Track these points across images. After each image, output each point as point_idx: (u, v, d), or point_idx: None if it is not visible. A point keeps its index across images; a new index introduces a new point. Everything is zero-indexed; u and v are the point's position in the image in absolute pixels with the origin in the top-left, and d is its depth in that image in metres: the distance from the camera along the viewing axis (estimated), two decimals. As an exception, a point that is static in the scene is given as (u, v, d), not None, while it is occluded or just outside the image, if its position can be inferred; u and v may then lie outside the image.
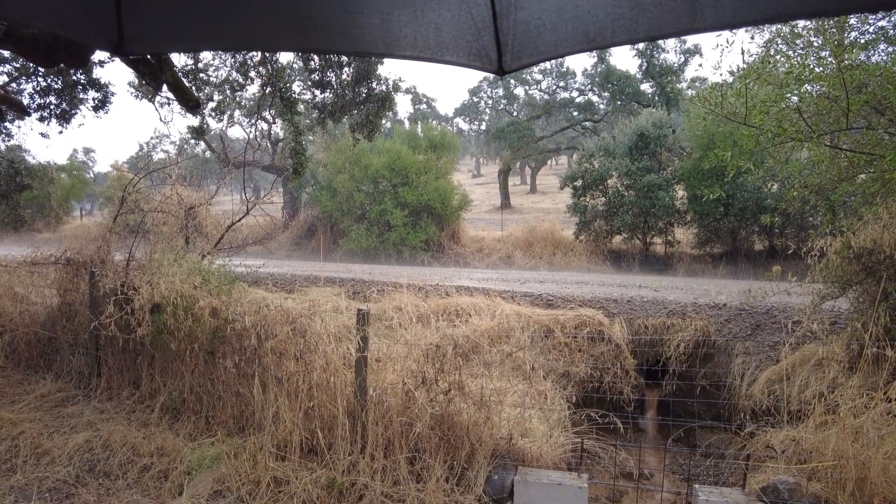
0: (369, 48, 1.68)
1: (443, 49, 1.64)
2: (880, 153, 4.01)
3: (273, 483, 3.99)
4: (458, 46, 1.64)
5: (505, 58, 1.62)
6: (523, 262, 15.08)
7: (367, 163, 17.39)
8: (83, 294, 5.97)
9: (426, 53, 1.64)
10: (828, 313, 6.11)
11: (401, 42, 1.63)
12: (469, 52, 1.64)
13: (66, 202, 28.24)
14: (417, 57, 1.66)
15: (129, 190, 6.92)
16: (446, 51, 1.64)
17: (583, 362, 6.12)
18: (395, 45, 1.64)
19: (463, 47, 1.63)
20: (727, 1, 1.28)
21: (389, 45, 1.64)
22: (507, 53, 1.61)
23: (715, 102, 4.67)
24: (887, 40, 4.37)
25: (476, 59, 1.64)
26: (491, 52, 1.62)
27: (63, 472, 4.24)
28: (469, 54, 1.64)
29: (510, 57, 1.62)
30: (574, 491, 3.86)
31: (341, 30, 1.65)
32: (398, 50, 1.65)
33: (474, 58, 1.64)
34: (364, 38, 1.65)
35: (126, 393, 5.51)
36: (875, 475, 3.45)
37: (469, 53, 1.64)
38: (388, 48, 1.65)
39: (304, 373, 4.40)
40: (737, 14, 1.29)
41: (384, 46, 1.65)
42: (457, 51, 1.64)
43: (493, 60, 1.63)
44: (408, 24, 1.61)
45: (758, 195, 12.46)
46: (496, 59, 1.63)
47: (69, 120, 9.92)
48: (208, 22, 1.72)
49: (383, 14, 1.60)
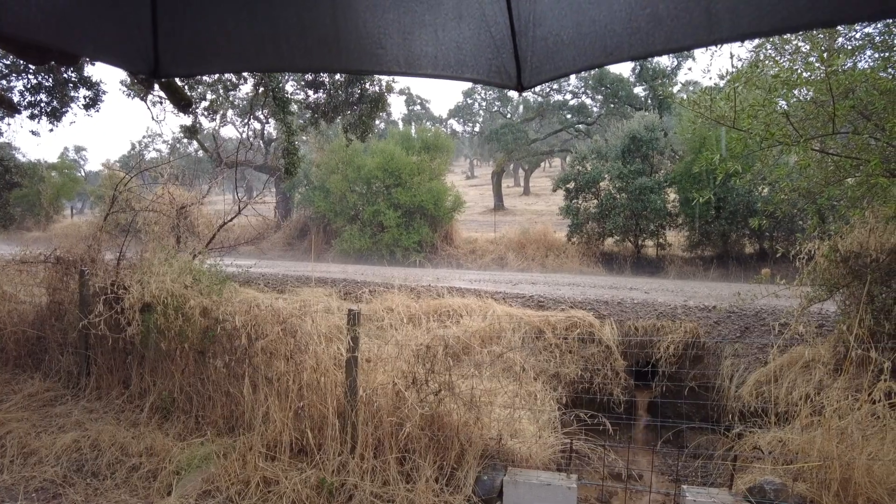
0: (392, 67, 1.69)
1: (463, 67, 1.65)
2: (866, 158, 4.06)
3: (262, 483, 3.98)
4: (478, 64, 1.65)
5: (524, 74, 1.63)
6: (516, 263, 15.12)
7: (361, 163, 17.38)
8: (73, 293, 5.93)
9: (447, 72, 1.66)
10: (815, 316, 6.17)
11: (422, 61, 1.65)
12: (489, 70, 1.65)
13: (57, 201, 28.05)
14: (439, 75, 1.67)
15: (120, 189, 6.88)
16: (466, 68, 1.66)
17: (573, 363, 6.15)
18: (417, 64, 1.66)
19: (483, 65, 1.65)
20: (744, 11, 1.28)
21: (411, 64, 1.66)
22: (526, 70, 1.63)
23: (705, 106, 4.71)
24: (873, 47, 4.43)
25: (496, 75, 1.66)
26: (510, 68, 1.64)
27: (50, 471, 4.21)
28: (489, 71, 1.66)
29: (529, 73, 1.63)
30: (563, 492, 3.88)
31: (366, 50, 1.68)
32: (420, 69, 1.67)
33: (494, 75, 1.66)
34: (387, 58, 1.66)
35: (115, 392, 5.49)
36: (859, 475, 3.50)
37: (489, 70, 1.65)
38: (410, 67, 1.67)
39: (295, 373, 4.39)
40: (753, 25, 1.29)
41: (406, 66, 1.67)
42: (477, 68, 1.66)
43: (512, 77, 1.65)
44: (429, 44, 1.63)
45: (748, 199, 12.56)
46: (515, 76, 1.64)
47: (60, 118, 9.85)
48: (242, 44, 1.74)
49: (405, 34, 1.62)
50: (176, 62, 1.74)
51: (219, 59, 1.85)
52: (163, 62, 1.71)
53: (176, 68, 1.81)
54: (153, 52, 1.68)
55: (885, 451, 3.59)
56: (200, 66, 2.06)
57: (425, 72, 1.67)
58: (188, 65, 1.87)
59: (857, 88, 4.31)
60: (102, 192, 20.61)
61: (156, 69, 1.72)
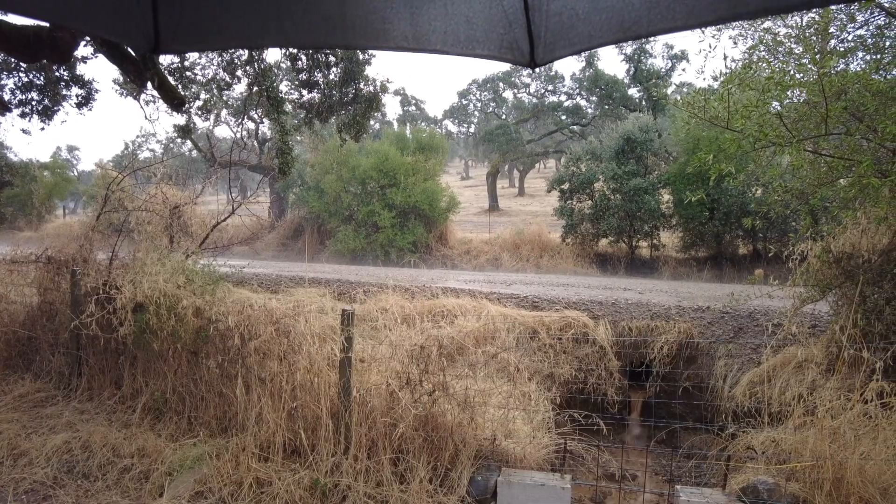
0: (400, 43, 1.64)
1: (473, 43, 1.62)
2: (858, 159, 4.09)
3: (255, 484, 3.96)
4: (489, 40, 1.61)
5: (537, 50, 1.59)
6: (510, 264, 15.13)
7: (356, 164, 17.35)
8: (64, 293, 5.89)
9: (457, 48, 1.62)
10: (808, 317, 6.20)
11: (431, 37, 1.61)
12: (500, 46, 1.61)
13: (49, 200, 27.85)
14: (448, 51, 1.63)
15: (112, 188, 6.84)
16: (477, 44, 1.62)
17: (567, 364, 6.15)
18: (426, 40, 1.62)
19: (494, 41, 1.61)
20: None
21: (419, 40, 1.63)
22: (539, 46, 1.59)
23: (698, 107, 4.73)
24: (865, 48, 4.46)
25: (508, 51, 1.62)
26: (523, 44, 1.60)
27: (41, 473, 4.17)
28: (500, 47, 1.62)
29: (542, 49, 1.59)
30: (557, 492, 3.88)
31: (373, 26, 1.64)
32: (428, 45, 1.63)
33: (506, 51, 1.62)
34: (394, 34, 1.63)
35: (107, 393, 5.45)
36: (851, 475, 3.51)
37: (500, 46, 1.62)
38: (419, 43, 1.63)
39: (288, 373, 4.37)
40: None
41: (414, 41, 1.63)
42: (488, 44, 1.62)
43: (525, 53, 1.61)
44: (438, 18, 1.60)
45: (742, 200, 12.61)
46: (528, 52, 1.60)
47: (52, 116, 9.79)
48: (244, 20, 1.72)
49: (413, 9, 1.59)
50: (176, 39, 1.72)
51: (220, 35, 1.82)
52: (163, 38, 1.69)
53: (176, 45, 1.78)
54: (153, 29, 1.66)
55: (877, 450, 3.61)
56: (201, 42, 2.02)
57: (434, 48, 1.64)
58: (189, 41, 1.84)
59: (850, 90, 4.34)
60: (95, 191, 20.48)
61: (156, 45, 1.69)
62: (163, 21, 1.66)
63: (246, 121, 19.72)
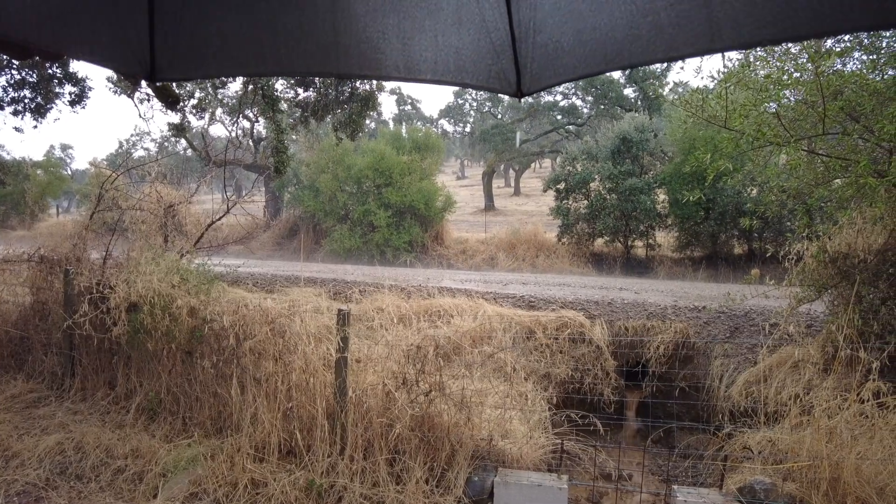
0: (391, 73, 1.69)
1: (462, 73, 1.66)
2: (855, 159, 4.09)
3: (251, 485, 3.93)
4: (478, 70, 1.65)
5: (524, 80, 1.63)
6: (506, 263, 15.12)
7: (351, 163, 17.30)
8: (57, 292, 5.84)
9: (446, 77, 1.66)
10: (804, 316, 6.21)
11: (421, 66, 1.65)
12: (489, 76, 1.65)
13: (43, 199, 27.68)
14: (438, 81, 1.68)
15: (106, 187, 6.79)
16: (466, 74, 1.66)
17: (564, 364, 6.14)
18: (416, 70, 1.65)
19: (482, 71, 1.65)
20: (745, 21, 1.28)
21: (411, 70, 1.66)
22: (525, 76, 1.63)
23: (696, 106, 4.73)
24: (862, 49, 4.47)
25: (495, 81, 1.66)
26: (510, 74, 1.64)
27: (33, 474, 4.13)
28: (489, 77, 1.66)
29: (529, 79, 1.63)
30: (554, 492, 3.87)
31: (366, 55, 1.67)
32: (419, 74, 1.67)
33: (494, 80, 1.66)
34: (387, 64, 1.66)
35: (101, 394, 5.40)
36: (848, 475, 3.51)
37: (489, 77, 1.65)
38: (410, 72, 1.66)
39: (283, 373, 4.35)
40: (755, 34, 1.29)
41: (405, 71, 1.66)
42: (476, 74, 1.66)
43: (512, 83, 1.65)
44: (428, 49, 1.63)
45: (738, 199, 12.64)
46: (515, 82, 1.64)
47: (44, 114, 9.70)
48: (240, 48, 1.74)
49: (405, 39, 1.62)
50: (172, 66, 1.73)
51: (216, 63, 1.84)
52: (159, 66, 1.70)
53: (172, 72, 1.79)
54: (149, 56, 1.67)
55: (873, 450, 3.61)
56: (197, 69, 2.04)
57: (424, 77, 1.67)
58: (185, 69, 1.85)
59: (846, 90, 4.34)
60: (89, 190, 20.37)
61: (152, 73, 1.71)
62: (159, 49, 1.67)
63: (241, 119, 19.65)
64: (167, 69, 1.72)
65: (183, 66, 1.80)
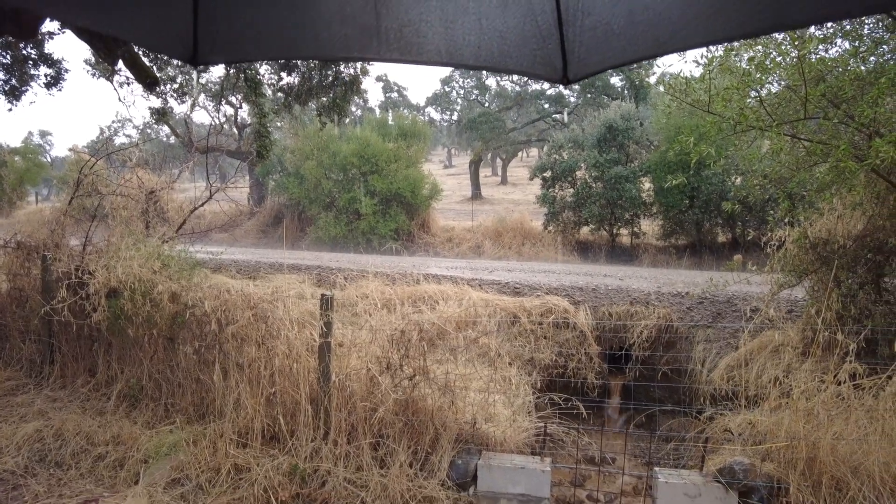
0: (433, 58, 1.64)
1: (506, 58, 1.61)
2: (835, 143, 4.13)
3: (234, 470, 3.91)
4: (522, 55, 1.60)
5: (570, 66, 1.57)
6: (493, 252, 15.14)
7: (336, 150, 17.13)
8: (34, 279, 5.73)
9: (489, 62, 1.62)
10: (785, 301, 6.29)
11: (464, 51, 1.61)
12: (533, 61, 1.60)
13: (21, 186, 27.10)
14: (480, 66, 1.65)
15: (85, 172, 6.65)
16: (510, 59, 1.61)
17: (548, 349, 6.18)
18: (459, 54, 1.62)
19: (527, 56, 1.60)
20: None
21: (452, 54, 1.62)
22: (572, 62, 1.57)
23: (680, 90, 4.74)
24: (844, 34, 4.49)
25: (540, 67, 1.61)
26: (556, 60, 1.58)
27: (11, 462, 4.08)
28: (534, 63, 1.61)
29: (576, 65, 1.57)
30: (537, 475, 3.89)
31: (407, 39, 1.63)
32: (461, 59, 1.63)
33: (539, 66, 1.61)
34: (428, 48, 1.62)
35: (81, 381, 5.33)
36: (824, 454, 3.57)
37: (533, 62, 1.60)
38: (452, 57, 1.63)
39: (266, 359, 4.32)
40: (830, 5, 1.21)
41: (448, 56, 1.63)
42: (520, 59, 1.61)
43: (557, 69, 1.59)
44: (472, 33, 1.58)
45: (721, 188, 12.74)
46: (561, 68, 1.58)
47: (19, 97, 9.44)
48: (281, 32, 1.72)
49: (447, 23, 1.58)
50: (215, 49, 1.73)
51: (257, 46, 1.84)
52: (202, 49, 1.70)
53: (215, 56, 1.78)
54: (192, 39, 1.67)
55: (848, 430, 3.67)
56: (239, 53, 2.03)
57: (467, 62, 1.65)
58: (227, 52, 1.85)
59: (828, 76, 4.37)
60: (69, 177, 19.96)
61: (194, 56, 1.70)
62: (202, 32, 1.67)
63: (224, 105, 19.37)
64: (210, 53, 1.72)
65: (225, 50, 1.80)
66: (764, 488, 3.69)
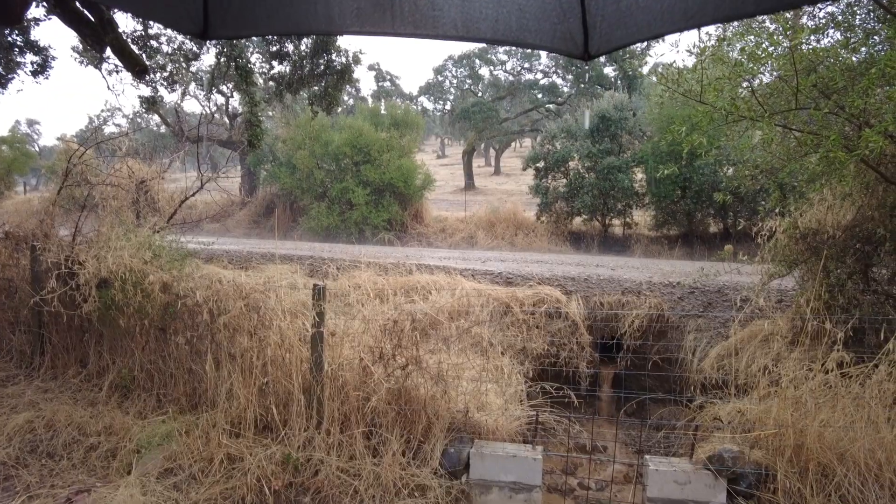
0: (449, 31, 1.61)
1: (525, 32, 1.57)
2: (826, 134, 4.15)
3: (226, 460, 3.92)
4: (542, 30, 1.56)
5: (592, 41, 1.53)
6: (486, 242, 15.15)
7: (328, 139, 17.02)
8: (23, 269, 5.68)
9: (507, 36, 1.59)
10: (775, 291, 6.35)
11: (481, 25, 1.57)
12: (553, 36, 1.57)
13: (8, 176, 26.71)
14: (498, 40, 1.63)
15: (74, 161, 6.57)
16: (528, 34, 1.58)
17: (540, 338, 6.20)
18: (476, 28, 1.59)
19: (547, 30, 1.56)
20: None
21: (469, 28, 1.59)
22: (594, 36, 1.53)
23: (672, 80, 4.74)
24: (835, 25, 4.50)
25: (560, 42, 1.57)
26: (577, 35, 1.53)
27: (2, 453, 4.06)
28: (553, 38, 1.57)
29: (598, 40, 1.53)
30: (529, 463, 3.93)
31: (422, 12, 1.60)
32: (478, 33, 1.60)
33: (559, 41, 1.57)
34: (444, 21, 1.59)
35: (72, 371, 5.31)
36: (811, 441, 3.63)
37: (553, 37, 1.57)
38: (468, 31, 1.60)
39: (259, 349, 4.31)
40: None
41: (464, 29, 1.59)
42: (540, 34, 1.57)
43: (578, 44, 1.55)
44: (489, 6, 1.55)
45: (713, 179, 12.79)
46: (582, 43, 1.54)
47: (5, 85, 9.29)
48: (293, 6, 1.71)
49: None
50: (226, 24, 1.72)
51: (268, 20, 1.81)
52: (212, 23, 1.68)
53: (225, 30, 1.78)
54: (203, 13, 1.66)
55: (835, 418, 3.73)
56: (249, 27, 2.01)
57: (484, 36, 1.61)
58: (237, 26, 1.84)
59: (820, 67, 4.38)
60: (58, 166, 19.72)
61: (205, 30, 1.69)
62: (212, 6, 1.66)
63: (215, 94, 19.17)
64: (220, 27, 1.71)
65: (236, 24, 1.79)
66: (752, 475, 3.75)
